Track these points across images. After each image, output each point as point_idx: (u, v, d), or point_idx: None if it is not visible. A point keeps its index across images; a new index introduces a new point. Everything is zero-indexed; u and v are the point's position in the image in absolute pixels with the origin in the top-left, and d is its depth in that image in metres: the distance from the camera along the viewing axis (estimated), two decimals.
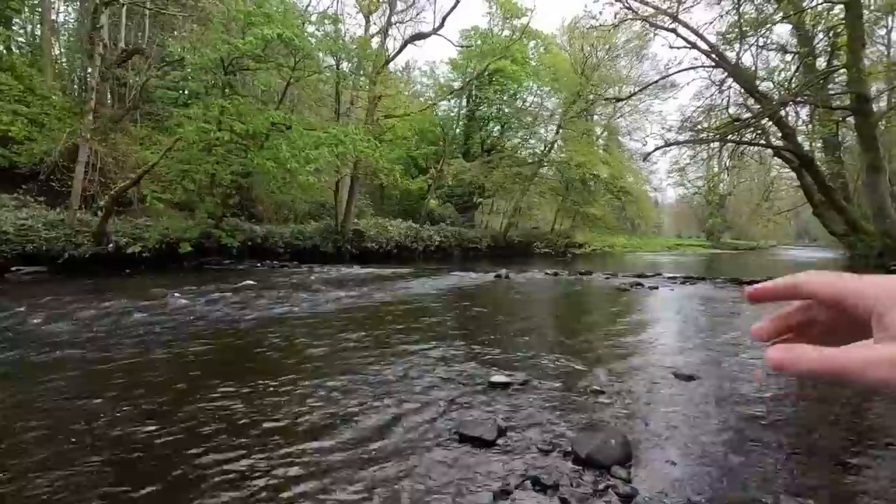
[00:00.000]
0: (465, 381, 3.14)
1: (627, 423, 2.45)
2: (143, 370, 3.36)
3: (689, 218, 58.11)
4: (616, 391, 2.96)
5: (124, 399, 2.76)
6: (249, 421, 2.45)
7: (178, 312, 5.48)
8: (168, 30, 16.91)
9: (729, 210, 42.01)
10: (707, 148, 19.23)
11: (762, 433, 2.38)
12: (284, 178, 13.48)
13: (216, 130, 11.08)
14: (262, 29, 11.02)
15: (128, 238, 10.77)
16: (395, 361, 3.62)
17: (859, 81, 10.89)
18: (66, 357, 3.62)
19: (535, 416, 2.50)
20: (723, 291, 8.79)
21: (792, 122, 15.04)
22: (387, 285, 8.75)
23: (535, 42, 26.52)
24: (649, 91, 21.17)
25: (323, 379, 3.15)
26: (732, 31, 13.96)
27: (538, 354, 3.88)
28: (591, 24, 15.63)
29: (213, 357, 3.75)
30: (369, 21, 18.12)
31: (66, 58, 18.07)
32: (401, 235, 17.71)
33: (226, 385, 2.98)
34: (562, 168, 23.71)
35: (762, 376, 3.41)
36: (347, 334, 4.60)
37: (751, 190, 26.58)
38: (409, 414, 2.57)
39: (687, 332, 5.02)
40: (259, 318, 5.31)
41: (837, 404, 2.87)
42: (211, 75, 12.10)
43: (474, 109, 26.72)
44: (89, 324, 4.77)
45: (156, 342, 4.12)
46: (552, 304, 7.50)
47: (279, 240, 14.12)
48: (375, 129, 16.46)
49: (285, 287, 8.16)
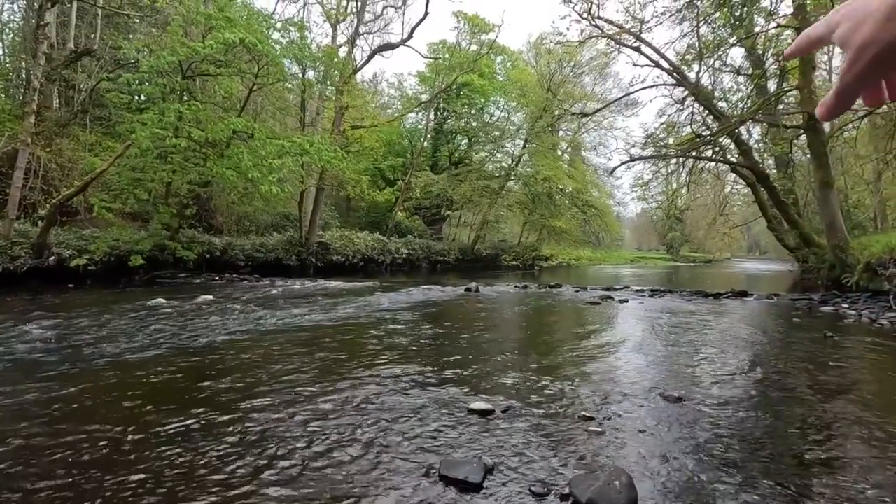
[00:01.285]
0: (443, 409, 2.89)
1: (624, 456, 2.25)
2: (68, 403, 2.94)
3: (649, 231, 59.97)
4: (605, 416, 2.77)
5: (43, 438, 2.36)
6: (188, 468, 2.11)
7: (106, 332, 4.99)
8: (123, 31, 16.13)
9: (687, 224, 43.58)
10: (667, 163, 19.79)
11: (766, 464, 2.24)
12: (246, 188, 12.95)
13: (173, 137, 10.50)
14: (223, 33, 10.57)
15: (72, 250, 9.99)
16: (363, 387, 3.32)
17: (811, 102, 11.41)
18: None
19: (523, 450, 2.27)
20: (690, 304, 8.89)
21: (746, 139, 15.67)
22: (352, 300, 8.39)
23: (503, 58, 26.92)
24: (613, 107, 21.72)
25: (280, 410, 2.83)
26: (691, 52, 14.47)
27: (517, 375, 3.67)
28: (558, 41, 15.88)
29: (152, 387, 3.34)
30: (336, 31, 17.88)
31: (10, 58, 16.97)
32: (367, 248, 17.33)
33: (167, 421, 2.61)
34: (528, 182, 23.94)
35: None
36: (310, 356, 4.26)
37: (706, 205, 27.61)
38: (381, 450, 2.29)
39: (665, 347, 4.94)
40: (209, 339, 4.88)
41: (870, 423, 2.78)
42: (168, 79, 11.51)
43: (442, 122, 26.75)
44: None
45: (70, 371, 3.67)
46: (526, 319, 7.34)
47: (239, 252, 13.51)
48: (342, 139, 16.12)
49: (242, 302, 7.69)
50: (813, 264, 13.75)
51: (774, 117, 13.53)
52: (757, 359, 4.56)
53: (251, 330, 5.40)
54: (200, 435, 2.42)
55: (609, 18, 14.59)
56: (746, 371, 4.01)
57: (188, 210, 12.28)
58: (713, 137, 13.99)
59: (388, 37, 20.98)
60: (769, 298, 9.69)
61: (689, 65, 14.56)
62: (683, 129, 16.87)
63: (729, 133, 13.44)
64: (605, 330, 6.07)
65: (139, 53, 12.67)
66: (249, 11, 13.50)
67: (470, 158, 27.22)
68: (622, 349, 4.79)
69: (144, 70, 10.88)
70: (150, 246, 11.02)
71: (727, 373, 3.89)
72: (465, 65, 21.37)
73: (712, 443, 2.43)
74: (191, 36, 12.44)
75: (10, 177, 9.99)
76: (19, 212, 10.02)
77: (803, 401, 3.21)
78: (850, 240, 11.55)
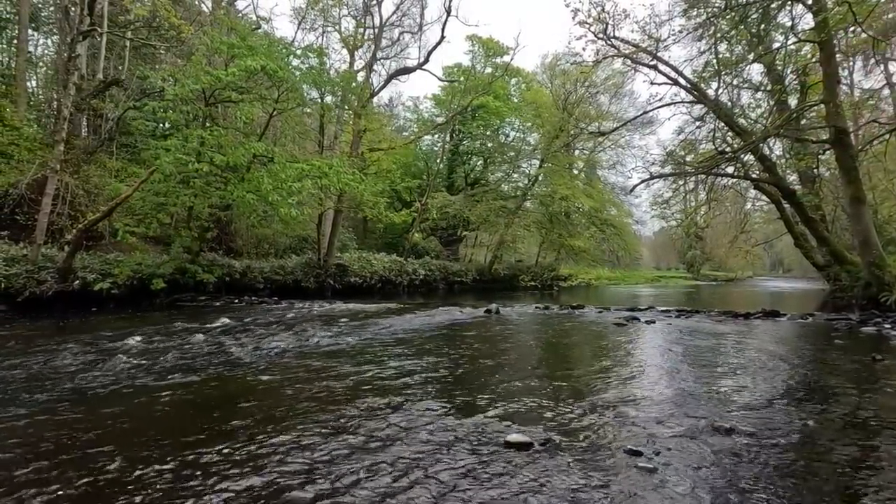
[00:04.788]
0: (477, 442, 2.72)
1: (683, 498, 2.06)
2: (80, 430, 2.84)
3: (668, 250, 58.97)
4: (654, 450, 2.57)
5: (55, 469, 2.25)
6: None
7: (131, 357, 4.93)
8: (150, 62, 16.68)
9: (707, 242, 42.76)
10: (686, 181, 19.51)
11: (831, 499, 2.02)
12: (266, 212, 13.05)
13: (195, 162, 10.67)
14: (245, 61, 10.81)
15: (96, 274, 10.10)
16: (389, 417, 3.17)
17: (837, 115, 11.14)
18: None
19: (571, 493, 2.09)
20: (720, 325, 8.55)
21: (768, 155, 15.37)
22: (372, 323, 8.26)
23: (517, 79, 27.12)
24: (630, 126, 21.64)
25: (302, 440, 2.68)
26: (708, 70, 14.37)
27: (551, 403, 3.48)
28: (573, 62, 15.93)
29: (168, 413, 3.24)
30: (354, 56, 18.24)
31: (43, 90, 17.66)
32: (385, 269, 17.27)
33: (181, 450, 2.49)
34: (545, 201, 23.79)
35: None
36: (331, 382, 4.12)
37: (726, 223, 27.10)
38: (413, 490, 2.13)
39: (702, 372, 4.69)
40: (228, 363, 4.79)
41: None
42: (192, 106, 11.78)
43: (458, 144, 26.90)
44: (17, 371, 4.21)
45: (98, 394, 3.58)
46: (551, 342, 7.12)
47: (258, 275, 13.54)
48: (360, 162, 16.26)
49: (262, 325, 7.62)
50: (846, 282, 13.26)
51: (799, 132, 13.24)
52: (804, 384, 4.29)
53: (267, 356, 5.30)
54: (221, 469, 2.30)
55: (624, 38, 14.60)
56: (796, 398, 3.75)
57: (209, 233, 12.39)
58: (735, 154, 13.75)
59: (405, 61, 21.34)
60: (803, 318, 9.30)
61: (707, 82, 14.45)
62: (702, 147, 16.69)
63: (752, 149, 13.19)
64: (635, 353, 5.83)
65: (164, 82, 13.01)
66: (270, 40, 13.84)
67: (486, 179, 27.24)
68: (657, 374, 4.56)
69: (169, 98, 11.14)
70: (172, 269, 11.10)
71: (775, 400, 3.65)
72: (480, 87, 21.56)
73: (777, 482, 2.21)
74: (214, 64, 12.77)
75: (39, 203, 10.22)
76: (47, 237, 10.21)
77: (867, 429, 2.97)
78: (886, 257, 11.11)
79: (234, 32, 13.41)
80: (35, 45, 17.40)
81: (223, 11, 17.23)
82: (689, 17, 13.79)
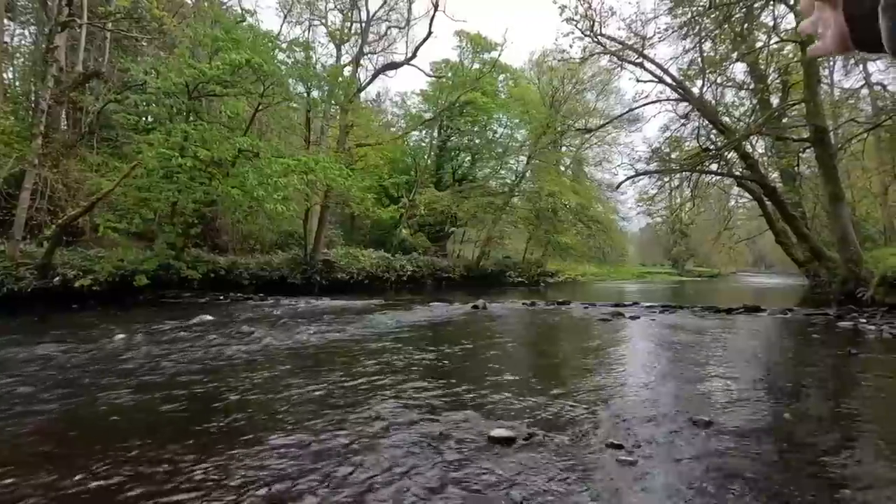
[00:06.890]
0: (461, 437, 2.74)
1: (662, 489, 2.10)
2: (50, 434, 2.81)
3: (653, 246, 59.61)
4: (635, 443, 2.62)
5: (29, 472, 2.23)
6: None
7: (110, 355, 4.86)
8: (131, 54, 16.35)
9: (692, 238, 43.34)
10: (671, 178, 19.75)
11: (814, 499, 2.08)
12: (251, 207, 12.92)
13: (178, 157, 10.51)
14: (230, 54, 10.67)
15: (76, 271, 9.92)
16: (374, 412, 3.18)
17: (817, 114, 11.36)
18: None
19: (554, 486, 2.13)
20: (703, 320, 8.71)
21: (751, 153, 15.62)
22: (358, 319, 8.25)
23: (505, 75, 27.13)
24: (617, 123, 21.79)
25: (282, 438, 2.68)
26: (693, 68, 14.54)
27: (536, 399, 3.52)
28: (560, 58, 15.99)
29: (144, 415, 3.21)
30: (341, 51, 18.11)
31: (21, 82, 17.21)
32: (372, 265, 17.21)
33: (150, 453, 2.48)
34: (532, 198, 23.90)
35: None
36: (316, 378, 4.12)
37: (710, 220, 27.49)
38: (396, 484, 2.15)
39: (683, 366, 4.77)
40: (208, 362, 4.75)
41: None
42: (175, 100, 11.59)
43: (445, 140, 26.85)
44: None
45: (75, 394, 3.53)
46: (537, 337, 7.18)
47: (244, 271, 13.42)
48: (347, 157, 16.16)
49: (246, 322, 7.55)
50: (824, 278, 13.56)
51: (781, 130, 13.48)
52: (783, 377, 4.39)
53: (253, 352, 5.27)
54: (204, 468, 2.29)
55: (611, 35, 14.68)
56: (775, 391, 3.85)
57: (193, 229, 12.24)
58: (719, 151, 13.95)
59: (392, 56, 21.23)
60: (783, 313, 9.50)
61: (692, 80, 14.62)
62: (687, 144, 16.89)
63: (735, 147, 13.39)
64: (619, 348, 5.92)
65: (147, 75, 12.78)
66: (255, 33, 13.65)
67: (474, 175, 27.26)
68: (639, 368, 4.63)
69: (152, 91, 10.96)
70: (155, 266, 10.94)
71: (755, 393, 3.73)
72: (467, 83, 21.54)
73: (755, 474, 2.27)
74: (198, 57, 12.56)
75: (16, 198, 9.99)
76: (25, 232, 9.99)
77: (843, 421, 3.05)
78: (863, 253, 11.38)
79: (219, 25, 13.20)
80: (11, 35, 16.90)
81: (207, 3, 16.94)
82: (675, 15, 13.94)
